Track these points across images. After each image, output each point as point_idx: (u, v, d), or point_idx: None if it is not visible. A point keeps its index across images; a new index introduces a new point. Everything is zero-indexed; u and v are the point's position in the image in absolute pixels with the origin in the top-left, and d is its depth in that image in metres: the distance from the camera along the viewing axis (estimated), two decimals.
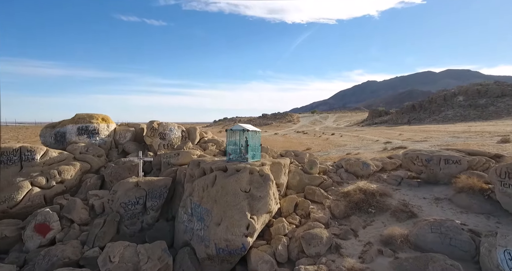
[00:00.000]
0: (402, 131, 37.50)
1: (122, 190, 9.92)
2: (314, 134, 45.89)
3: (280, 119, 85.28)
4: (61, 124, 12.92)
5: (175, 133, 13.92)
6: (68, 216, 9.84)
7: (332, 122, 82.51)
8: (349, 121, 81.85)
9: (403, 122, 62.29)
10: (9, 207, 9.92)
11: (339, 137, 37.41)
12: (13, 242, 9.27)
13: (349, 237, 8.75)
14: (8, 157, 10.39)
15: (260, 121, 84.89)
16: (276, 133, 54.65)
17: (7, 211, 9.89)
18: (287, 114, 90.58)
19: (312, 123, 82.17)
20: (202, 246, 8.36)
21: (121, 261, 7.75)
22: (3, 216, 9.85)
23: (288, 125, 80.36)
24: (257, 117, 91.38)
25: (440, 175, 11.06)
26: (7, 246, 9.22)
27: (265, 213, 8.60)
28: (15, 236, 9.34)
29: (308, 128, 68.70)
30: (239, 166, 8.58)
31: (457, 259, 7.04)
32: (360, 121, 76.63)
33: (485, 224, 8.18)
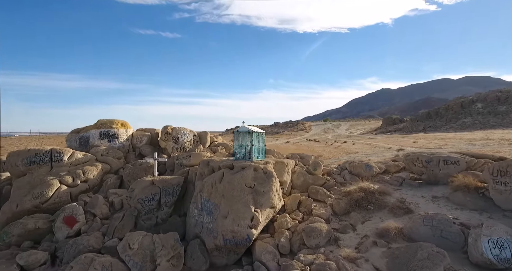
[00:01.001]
0: (417, 138, 37.41)
1: (139, 187, 11.05)
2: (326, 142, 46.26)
3: (292, 127, 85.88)
4: (85, 129, 14.40)
5: (187, 137, 15.11)
6: (91, 211, 11.02)
7: (345, 130, 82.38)
8: (362, 129, 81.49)
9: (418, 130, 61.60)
10: (41, 203, 11.22)
11: (351, 144, 37.72)
12: (45, 233, 10.50)
13: (347, 231, 9.45)
14: (40, 158, 11.80)
15: (271, 129, 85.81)
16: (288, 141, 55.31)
17: (39, 206, 11.19)
18: (299, 123, 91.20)
19: (324, 131, 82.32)
20: (210, 237, 9.26)
21: (139, 248, 8.77)
22: (36, 210, 11.15)
23: (300, 133, 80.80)
24: (268, 126, 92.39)
25: (440, 175, 11.60)
26: (40, 237, 10.45)
27: (268, 207, 9.46)
28: (46, 227, 10.58)
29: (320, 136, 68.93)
30: (244, 164, 9.54)
31: (447, 250, 7.64)
32: (374, 129, 76.17)
33: (477, 218, 8.71)
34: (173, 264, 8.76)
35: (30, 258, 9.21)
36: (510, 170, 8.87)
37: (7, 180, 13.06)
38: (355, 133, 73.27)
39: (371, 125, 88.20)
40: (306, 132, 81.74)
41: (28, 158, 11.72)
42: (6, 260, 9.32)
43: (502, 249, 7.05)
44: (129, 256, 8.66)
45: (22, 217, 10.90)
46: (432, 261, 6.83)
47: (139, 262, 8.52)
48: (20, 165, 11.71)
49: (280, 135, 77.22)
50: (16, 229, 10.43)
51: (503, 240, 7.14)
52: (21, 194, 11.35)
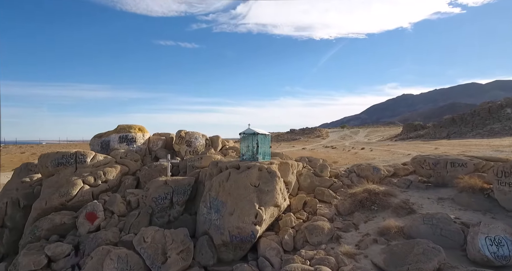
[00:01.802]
0: (439, 145, 36.43)
1: (154, 187, 11.97)
2: (343, 149, 45.91)
3: (308, 134, 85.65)
4: (106, 134, 15.70)
5: (200, 141, 16.04)
6: (110, 208, 12.04)
7: (363, 137, 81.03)
8: (381, 136, 79.86)
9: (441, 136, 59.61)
10: (66, 201, 12.39)
11: (369, 151, 37.33)
12: (69, 228, 11.59)
13: (350, 230, 9.81)
14: (66, 159, 13.07)
15: (288, 136, 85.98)
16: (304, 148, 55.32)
17: (64, 204, 12.35)
18: (315, 129, 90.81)
19: (342, 138, 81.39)
20: (218, 233, 9.92)
21: (152, 241, 9.58)
22: (62, 207, 12.32)
23: (316, 140, 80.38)
24: (285, 133, 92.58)
25: (447, 178, 11.68)
26: (65, 231, 11.55)
27: (272, 205, 10.02)
28: (71, 223, 11.67)
29: (338, 143, 68.28)
30: (249, 164, 10.21)
31: (447, 248, 7.88)
32: (394, 136, 74.43)
33: (479, 219, 8.80)
34: (183, 258, 9.47)
35: (57, 250, 10.28)
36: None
37: (38, 180, 14.45)
38: (374, 140, 71.95)
39: (391, 132, 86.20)
40: (323, 139, 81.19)
41: (56, 160, 13.03)
42: (36, 251, 10.43)
43: (499, 246, 7.20)
44: (144, 248, 9.48)
45: (50, 213, 12.06)
46: (427, 256, 7.10)
47: (152, 254, 9.31)
48: (49, 166, 13.03)
49: (297, 142, 77.21)
50: (45, 224, 11.59)
51: (500, 238, 7.30)
52: (49, 192, 12.58)
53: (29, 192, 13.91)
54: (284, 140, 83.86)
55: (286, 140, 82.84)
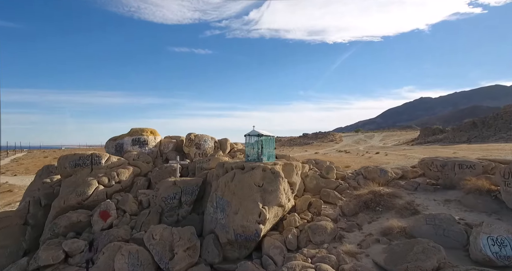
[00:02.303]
0: (458, 149, 35.33)
1: (163, 187, 12.53)
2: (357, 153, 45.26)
3: (321, 138, 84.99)
4: (120, 137, 16.53)
5: (209, 143, 16.57)
6: (122, 208, 12.68)
7: (378, 141, 79.42)
8: (397, 140, 77.99)
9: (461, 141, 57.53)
10: (82, 200, 13.15)
11: (384, 155, 36.68)
12: (85, 226, 12.30)
13: (353, 230, 9.94)
14: (83, 161, 13.91)
15: (300, 140, 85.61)
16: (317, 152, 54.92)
17: (81, 203, 13.11)
18: (329, 134, 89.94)
19: (356, 142, 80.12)
20: (223, 232, 10.29)
21: (160, 239, 10.07)
22: (78, 206, 13.08)
23: (330, 144, 79.53)
24: (297, 137, 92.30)
25: (455, 180, 11.58)
26: (81, 229, 12.27)
27: (276, 205, 10.31)
28: (86, 221, 12.39)
29: (351, 147, 67.29)
30: (254, 165, 10.58)
31: (450, 248, 7.91)
32: (410, 140, 72.53)
33: (485, 219, 8.73)
34: (189, 255, 9.90)
35: (73, 246, 10.97)
36: None
37: (58, 181, 15.37)
38: (389, 144, 70.39)
39: (408, 136, 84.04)
40: (337, 143, 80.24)
41: (74, 161, 13.89)
42: (55, 247, 11.15)
43: (502, 246, 7.18)
44: (153, 245, 9.99)
45: (68, 211, 12.84)
46: (426, 255, 7.18)
47: (160, 251, 9.80)
48: (67, 167, 13.89)
49: (309, 146, 76.71)
50: (63, 221, 12.35)
51: (503, 238, 7.27)
52: (67, 192, 13.40)
53: (50, 192, 14.81)
54: (296, 145, 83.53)
55: (299, 145, 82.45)
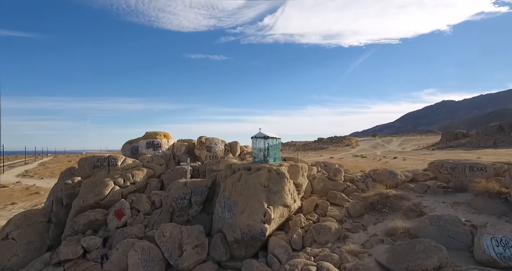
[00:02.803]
0: (483, 154, 34.05)
1: (174, 188, 13.12)
2: (373, 158, 44.48)
3: (337, 143, 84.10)
4: (136, 140, 17.43)
5: (219, 146, 17.11)
6: (136, 207, 13.36)
7: (397, 146, 77.58)
8: (417, 145, 75.91)
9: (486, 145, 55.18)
10: (100, 200, 13.96)
11: (402, 160, 35.92)
12: (101, 224, 13.05)
13: (358, 231, 10.06)
14: (101, 162, 14.80)
15: (315, 145, 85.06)
16: (332, 157, 54.45)
17: (98, 202, 13.92)
18: (344, 138, 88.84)
19: (373, 147, 78.64)
20: (230, 231, 10.68)
21: (170, 236, 10.58)
22: (96, 206, 13.89)
23: (345, 149, 78.51)
24: (312, 141, 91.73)
25: (466, 182, 11.43)
26: (98, 227, 13.02)
27: (281, 205, 10.59)
28: (103, 219, 13.14)
29: (368, 152, 66.14)
30: (259, 166, 10.95)
31: (455, 249, 7.93)
32: (431, 145, 70.38)
33: (493, 222, 8.63)
34: (198, 252, 10.34)
35: (90, 242, 11.70)
36: None
37: (78, 182, 16.36)
38: (408, 149, 68.59)
39: (428, 141, 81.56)
40: (353, 147, 79.08)
41: (92, 163, 14.80)
42: (75, 243, 11.92)
43: (506, 247, 7.13)
44: (163, 242, 10.50)
45: (87, 210, 13.66)
46: (427, 254, 7.25)
47: (170, 248, 10.29)
48: (86, 168, 14.82)
49: (324, 151, 76.02)
50: (82, 219, 13.17)
51: (508, 239, 7.21)
52: (86, 192, 14.26)
53: (71, 193, 15.79)
54: (311, 149, 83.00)
55: (314, 149, 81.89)
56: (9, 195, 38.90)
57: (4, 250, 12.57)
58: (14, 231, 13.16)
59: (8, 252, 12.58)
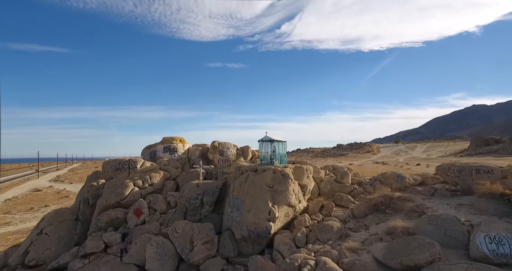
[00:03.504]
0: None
1: (188, 189, 14.12)
2: (395, 165, 43.59)
3: (357, 149, 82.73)
4: (154, 145, 18.78)
5: (231, 150, 18.04)
6: (153, 207, 14.48)
7: (421, 153, 75.08)
8: (444, 152, 73.07)
9: None
10: (120, 200, 15.23)
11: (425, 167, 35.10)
12: (122, 222, 14.26)
13: (360, 230, 10.47)
14: (122, 165, 16.17)
15: (334, 151, 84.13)
16: (351, 164, 53.86)
17: (119, 202, 15.20)
18: (365, 144, 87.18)
19: (396, 153, 76.59)
20: (238, 229, 11.43)
21: (182, 232, 11.51)
22: (117, 205, 15.17)
23: (366, 155, 77.03)
24: (331, 148, 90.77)
25: (473, 185, 11.48)
26: (119, 224, 14.23)
27: (286, 205, 11.23)
28: (122, 218, 14.35)
29: (390, 158, 64.57)
30: (265, 167, 11.70)
31: (452, 247, 8.23)
32: (459, 151, 67.52)
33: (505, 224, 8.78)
34: (207, 248, 11.17)
35: (111, 238, 12.90)
36: None
37: (103, 184, 17.83)
38: (434, 156, 66.22)
39: (456, 147, 78.17)
40: (374, 154, 77.45)
41: (114, 166, 16.22)
42: (98, 238, 13.17)
43: (500, 245, 7.36)
44: (176, 238, 11.44)
45: (109, 209, 14.95)
46: (420, 249, 7.62)
47: (182, 243, 11.20)
48: (109, 171, 16.25)
49: (344, 158, 74.99)
50: (104, 218, 14.45)
51: (501, 237, 7.44)
52: (109, 192, 15.61)
53: (96, 193, 17.25)
54: (330, 156, 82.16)
55: (333, 156, 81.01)
56: (43, 198, 42.09)
57: (39, 244, 14.02)
58: (47, 227, 14.64)
59: (42, 246, 14.01)
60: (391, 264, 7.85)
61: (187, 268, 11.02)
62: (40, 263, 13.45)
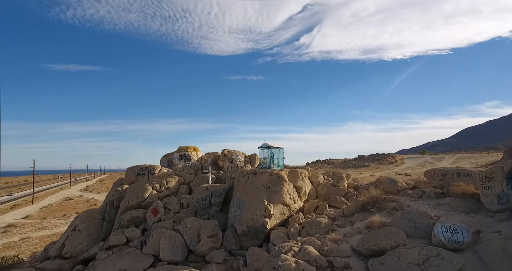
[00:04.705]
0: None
1: (198, 191, 16.19)
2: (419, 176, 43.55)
3: (379, 160, 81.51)
4: (171, 154, 21.23)
5: (240, 158, 20.00)
6: (168, 207, 16.64)
7: (449, 164, 72.57)
8: (474, 163, 70.18)
9: None
10: (141, 201, 17.58)
11: None
12: (142, 220, 16.52)
13: (346, 226, 11.92)
14: (142, 171, 18.63)
15: (355, 163, 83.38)
16: (372, 175, 53.78)
17: (140, 203, 17.53)
18: (388, 155, 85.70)
19: (421, 165, 74.60)
20: (239, 225, 13.23)
21: (191, 227, 13.49)
22: (137, 206, 17.50)
23: (389, 167, 75.74)
24: (352, 159, 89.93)
25: (452, 187, 12.55)
26: (139, 223, 16.50)
27: (280, 203, 12.93)
28: (143, 217, 16.62)
29: (415, 170, 63.31)
30: (263, 170, 13.53)
31: (420, 238, 9.55)
32: (491, 163, 64.78)
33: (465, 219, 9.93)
34: (212, 241, 13.05)
35: (132, 233, 15.13)
36: (494, 175, 10.00)
37: (126, 189, 20.39)
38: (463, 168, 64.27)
39: (489, 158, 74.72)
40: (397, 165, 75.96)
41: (136, 171, 18.72)
42: (120, 233, 15.45)
43: (454, 233, 8.61)
44: (185, 232, 13.44)
45: (130, 210, 17.31)
46: (387, 237, 9.03)
47: (190, 236, 13.17)
48: (131, 176, 18.76)
49: (365, 169, 74.22)
50: (126, 216, 16.79)
51: (456, 227, 8.69)
52: (131, 195, 18.04)
53: (120, 197, 19.77)
54: (351, 167, 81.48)
55: (354, 167, 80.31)
56: (74, 206, 46.21)
57: (73, 239, 16.56)
58: (79, 224, 17.21)
59: (76, 241, 16.51)
60: (361, 250, 9.28)
61: (195, 258, 12.94)
62: (74, 255, 15.91)
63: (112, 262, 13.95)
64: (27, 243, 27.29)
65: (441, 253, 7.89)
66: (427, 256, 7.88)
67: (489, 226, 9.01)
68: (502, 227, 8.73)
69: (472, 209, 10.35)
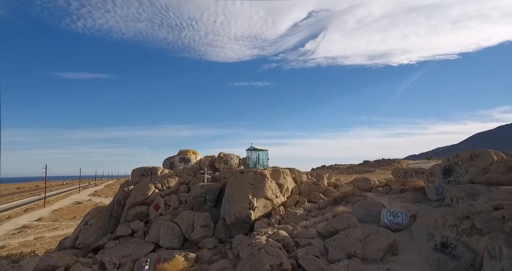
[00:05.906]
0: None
1: (195, 189, 18.62)
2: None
3: (384, 166, 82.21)
4: (172, 157, 23.78)
5: (234, 160, 22.37)
6: (168, 203, 19.10)
7: None
8: None
9: None
10: (144, 199, 20.07)
11: None
12: (145, 215, 19.01)
13: (318, 216, 14.12)
14: (146, 172, 21.18)
15: (360, 168, 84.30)
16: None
17: (144, 201, 20.02)
18: (393, 161, 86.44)
19: None
20: (228, 217, 15.56)
21: (186, 219, 15.88)
22: (142, 203, 19.99)
23: None
24: (357, 164, 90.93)
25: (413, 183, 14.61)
26: (143, 218, 18.99)
27: (263, 197, 15.22)
28: (146, 212, 19.11)
29: None
30: (249, 169, 15.87)
31: (372, 222, 11.73)
32: None
33: (407, 206, 12.06)
34: (205, 231, 15.40)
35: (136, 226, 17.62)
36: (435, 171, 12.17)
37: (131, 189, 22.95)
38: None
39: None
40: None
41: (140, 172, 21.28)
42: (126, 226, 17.94)
43: (395, 217, 10.79)
44: (181, 222, 15.83)
45: (135, 206, 19.80)
46: (341, 220, 11.26)
47: (186, 226, 15.55)
48: (136, 176, 21.31)
49: (370, 174, 75.20)
50: (132, 212, 19.29)
51: (397, 212, 10.87)
52: (136, 193, 20.57)
53: (126, 196, 22.33)
54: (356, 172, 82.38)
55: (359, 172, 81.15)
56: (83, 210, 49.15)
57: (85, 232, 19.10)
58: (91, 219, 19.78)
59: (87, 234, 19.04)
60: (323, 232, 11.50)
61: (190, 245, 15.29)
62: (86, 246, 18.41)
63: (119, 249, 16.41)
64: (41, 242, 30.07)
65: (379, 231, 10.09)
66: (368, 233, 10.08)
67: (426, 211, 11.12)
68: (434, 212, 10.82)
69: (419, 199, 12.45)
